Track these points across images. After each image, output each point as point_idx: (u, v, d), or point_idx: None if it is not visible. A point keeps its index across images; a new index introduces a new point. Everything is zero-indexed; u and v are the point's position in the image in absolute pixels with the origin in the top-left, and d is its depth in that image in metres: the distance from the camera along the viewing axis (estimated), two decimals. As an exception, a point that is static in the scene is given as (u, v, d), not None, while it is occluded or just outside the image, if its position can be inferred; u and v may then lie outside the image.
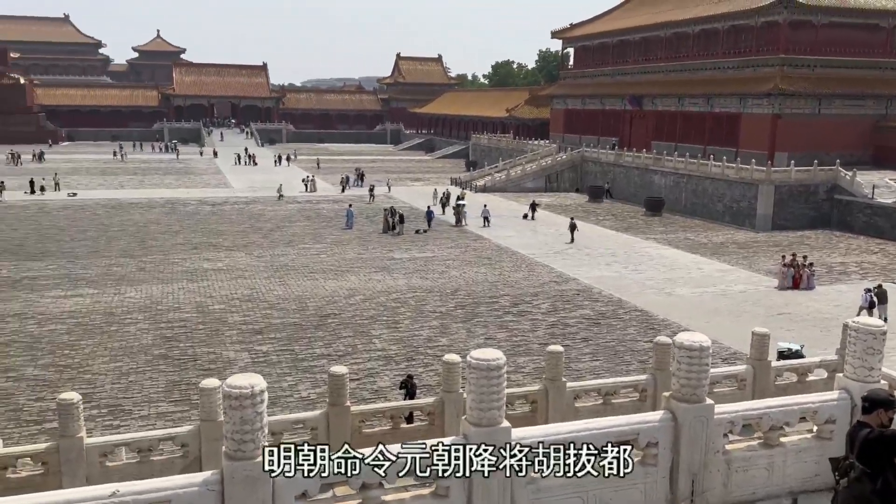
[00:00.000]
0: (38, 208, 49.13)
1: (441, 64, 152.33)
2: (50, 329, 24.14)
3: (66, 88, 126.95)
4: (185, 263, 34.14)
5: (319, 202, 55.70)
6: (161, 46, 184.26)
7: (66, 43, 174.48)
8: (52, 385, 19.37)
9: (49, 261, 34.06)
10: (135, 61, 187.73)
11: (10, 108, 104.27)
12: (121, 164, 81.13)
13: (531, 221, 48.16)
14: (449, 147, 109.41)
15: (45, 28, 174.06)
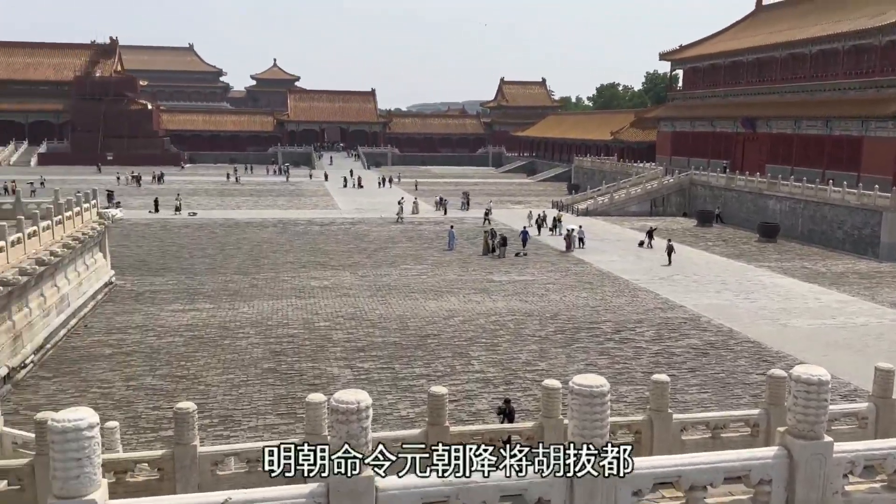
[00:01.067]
0: (161, 226, 52.31)
1: (544, 87, 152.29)
2: (168, 341, 25.57)
3: (190, 114, 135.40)
4: (294, 281, 35.42)
5: (421, 224, 56.58)
6: (277, 74, 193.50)
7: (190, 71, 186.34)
8: (168, 394, 20.48)
9: (170, 276, 36.18)
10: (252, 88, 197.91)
11: (138, 132, 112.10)
12: (235, 185, 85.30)
13: (647, 249, 45.72)
14: (550, 170, 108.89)
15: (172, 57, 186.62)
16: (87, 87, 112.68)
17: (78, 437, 4.15)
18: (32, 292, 24.70)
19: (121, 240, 43.94)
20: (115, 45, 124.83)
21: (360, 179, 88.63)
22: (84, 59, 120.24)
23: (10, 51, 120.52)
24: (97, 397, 20.12)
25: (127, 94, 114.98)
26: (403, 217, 57.77)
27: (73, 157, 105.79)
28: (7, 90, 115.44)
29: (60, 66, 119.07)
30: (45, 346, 24.33)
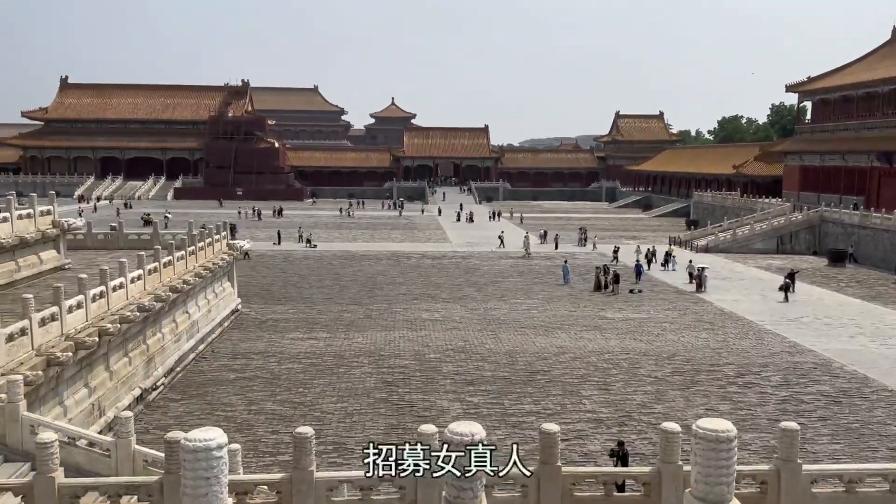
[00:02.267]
0: (284, 258, 54.70)
1: (662, 120, 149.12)
2: (288, 367, 26.54)
3: (313, 151, 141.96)
4: (406, 313, 36.00)
5: (533, 259, 56.26)
6: (395, 112, 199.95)
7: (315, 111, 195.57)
8: (287, 419, 21.20)
9: (290, 305, 37.67)
10: (371, 126, 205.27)
11: (265, 168, 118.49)
12: (348, 219, 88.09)
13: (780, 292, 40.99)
14: (667, 205, 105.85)
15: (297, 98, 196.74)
16: (220, 127, 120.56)
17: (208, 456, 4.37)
18: (166, 318, 26.38)
19: (247, 270, 46.25)
20: (246, 87, 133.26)
21: (472, 214, 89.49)
22: (218, 100, 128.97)
23: (152, 93, 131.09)
24: (221, 420, 21.08)
25: (256, 132, 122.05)
26: (531, 252, 57.14)
27: (206, 191, 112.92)
28: (149, 129, 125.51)
29: (197, 107, 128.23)
30: (176, 370, 25.83)
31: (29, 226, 27.50)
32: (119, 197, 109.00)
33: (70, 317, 18.94)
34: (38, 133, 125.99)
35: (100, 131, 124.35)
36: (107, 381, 20.69)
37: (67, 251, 30.99)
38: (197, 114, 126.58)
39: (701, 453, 5.50)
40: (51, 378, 17.33)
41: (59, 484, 8.50)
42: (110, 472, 11.94)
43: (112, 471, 12.06)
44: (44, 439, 8.74)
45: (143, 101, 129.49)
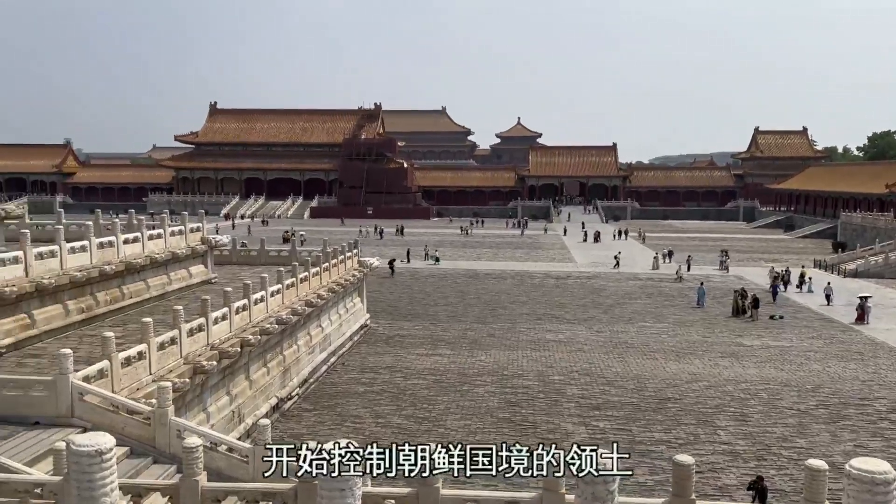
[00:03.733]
0: (410, 275, 55.90)
1: (805, 136, 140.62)
2: (413, 383, 27.01)
3: (439, 171, 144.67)
4: (530, 333, 35.75)
5: (662, 280, 54.40)
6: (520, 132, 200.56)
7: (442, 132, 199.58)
8: (412, 434, 21.54)
9: (416, 321, 38.39)
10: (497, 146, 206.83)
11: (394, 188, 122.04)
12: (475, 238, 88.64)
13: None
14: (812, 226, 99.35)
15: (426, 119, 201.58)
16: (353, 148, 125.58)
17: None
18: (301, 331, 27.60)
19: (375, 286, 47.61)
20: (378, 110, 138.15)
21: (599, 233, 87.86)
22: (352, 123, 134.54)
23: (292, 117, 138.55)
24: (350, 431, 21.74)
25: (387, 153, 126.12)
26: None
27: (339, 210, 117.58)
28: (289, 151, 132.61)
29: (332, 130, 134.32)
30: (309, 381, 26.93)
31: (180, 242, 29.68)
32: (260, 215, 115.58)
33: (215, 328, 20.22)
34: (189, 155, 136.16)
35: (244, 154, 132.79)
36: (246, 390, 21.87)
37: (214, 266, 33.17)
38: (332, 137, 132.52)
39: (854, 495, 5.07)
40: (196, 385, 18.53)
41: (203, 487, 9.05)
42: (248, 478, 12.59)
43: (250, 477, 12.70)
44: (190, 444, 9.36)
45: (283, 125, 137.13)
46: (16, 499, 9.70)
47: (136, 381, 16.18)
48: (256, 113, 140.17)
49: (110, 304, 23.96)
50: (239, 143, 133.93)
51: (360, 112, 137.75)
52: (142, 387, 16.21)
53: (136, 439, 13.74)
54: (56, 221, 27.54)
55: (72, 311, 22.03)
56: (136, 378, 16.22)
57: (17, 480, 9.83)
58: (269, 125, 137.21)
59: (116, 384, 15.31)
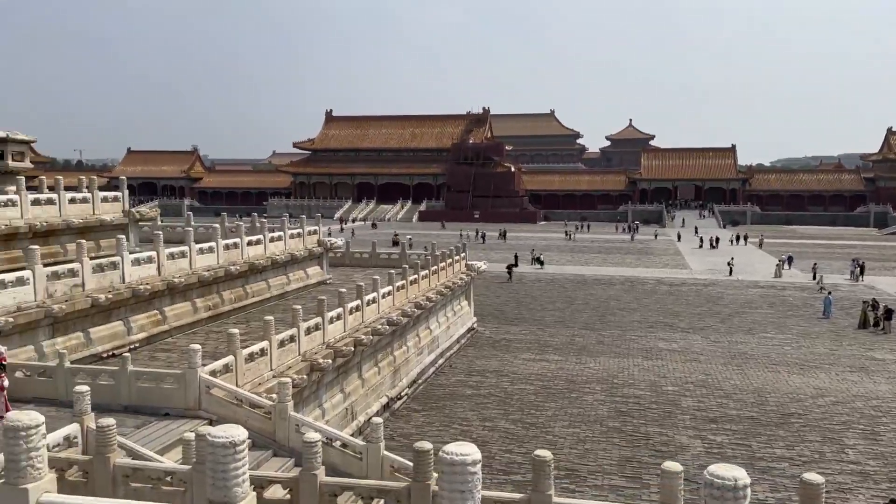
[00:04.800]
0: (517, 279, 55.67)
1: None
2: (520, 388, 26.89)
3: (547, 175, 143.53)
4: (641, 341, 34.80)
5: (785, 288, 51.63)
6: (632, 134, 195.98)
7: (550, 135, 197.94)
8: (519, 439, 21.45)
9: (523, 326, 38.22)
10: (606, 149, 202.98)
11: (501, 192, 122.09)
12: (579, 242, 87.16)
13: None
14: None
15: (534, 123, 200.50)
16: (461, 153, 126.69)
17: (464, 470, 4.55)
18: (410, 332, 28.09)
19: (482, 289, 47.77)
20: (486, 114, 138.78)
21: (716, 239, 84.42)
22: (460, 128, 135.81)
23: (403, 123, 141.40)
24: (457, 434, 21.90)
25: (494, 157, 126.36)
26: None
27: (447, 214, 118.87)
28: (399, 157, 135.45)
29: (440, 135, 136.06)
30: (417, 382, 27.35)
31: (299, 244, 30.91)
32: (371, 219, 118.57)
33: (331, 327, 20.90)
34: (306, 161, 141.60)
35: (357, 159, 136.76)
36: (359, 388, 22.48)
37: (329, 267, 34.32)
38: (441, 142, 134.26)
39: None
40: (313, 382, 19.22)
41: (321, 482, 9.38)
42: (361, 474, 12.92)
43: (363, 473, 13.04)
44: (310, 439, 9.72)
45: (394, 131, 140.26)
46: (149, 485, 10.39)
47: (258, 376, 16.97)
48: (369, 120, 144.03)
49: (234, 303, 25.26)
50: (352, 149, 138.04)
51: (469, 117, 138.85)
52: (263, 382, 16.98)
53: (257, 432, 14.39)
54: (185, 224, 29.35)
55: (199, 308, 23.39)
56: (258, 373, 17.01)
57: (151, 468, 10.53)
58: (380, 131, 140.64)
59: (240, 379, 16.11)
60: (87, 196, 24.57)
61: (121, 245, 20.27)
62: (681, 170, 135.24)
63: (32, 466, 5.04)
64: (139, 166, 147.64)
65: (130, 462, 10.46)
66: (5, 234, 20.95)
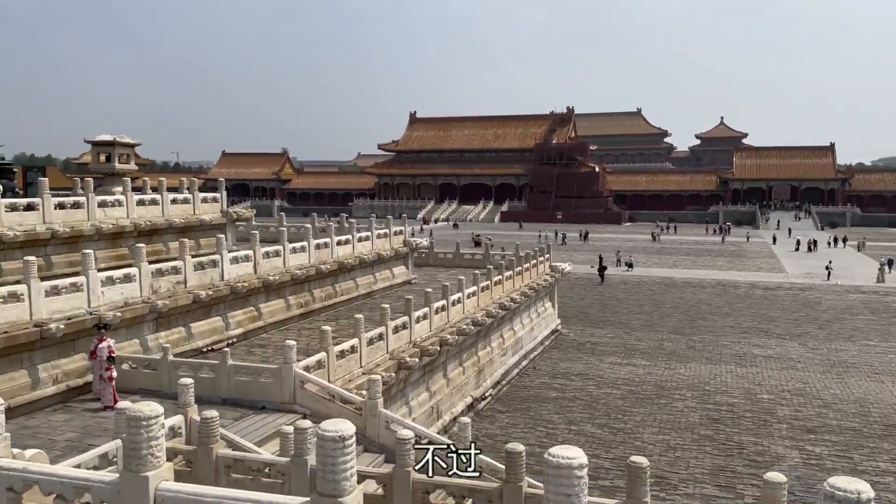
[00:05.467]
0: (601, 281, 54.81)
1: None
2: (606, 392, 26.47)
3: (632, 175, 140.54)
4: (734, 347, 33.64)
5: (888, 293, 48.82)
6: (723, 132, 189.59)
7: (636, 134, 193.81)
8: (606, 444, 21.12)
9: (608, 329, 37.59)
10: (696, 147, 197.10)
11: (585, 192, 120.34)
12: (667, 244, 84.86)
13: None
14: None
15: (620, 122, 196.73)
16: (544, 153, 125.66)
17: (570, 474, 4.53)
18: (494, 333, 28.10)
19: (566, 291, 47.26)
20: (570, 114, 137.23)
21: (814, 241, 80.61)
22: (543, 128, 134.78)
23: (485, 124, 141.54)
24: (542, 436, 21.77)
25: (578, 157, 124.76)
26: None
27: (529, 214, 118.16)
28: (482, 157, 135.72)
29: (523, 136, 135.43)
30: (501, 383, 27.33)
31: (385, 244, 31.43)
32: (453, 219, 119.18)
33: (417, 326, 21.16)
34: (390, 162, 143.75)
35: (440, 160, 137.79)
36: (444, 388, 22.66)
37: (414, 267, 34.73)
38: (523, 142, 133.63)
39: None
40: (400, 380, 19.51)
41: (414, 479, 9.51)
42: (449, 473, 13.02)
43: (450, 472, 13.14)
44: (403, 436, 9.88)
45: (477, 131, 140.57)
46: (249, 476, 10.79)
47: (348, 372, 17.36)
48: (451, 121, 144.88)
49: (324, 301, 25.94)
50: (435, 150, 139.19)
51: (552, 116, 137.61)
52: (353, 378, 17.35)
53: (347, 428, 14.71)
54: (278, 224, 30.33)
55: (292, 305, 24.14)
56: (348, 370, 17.41)
57: (251, 459, 10.94)
58: (463, 132, 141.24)
59: (332, 375, 16.52)
60: (187, 197, 25.76)
61: (220, 244, 21.14)
62: (776, 169, 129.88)
63: (152, 455, 5.34)
64: (232, 168, 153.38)
65: (232, 453, 10.90)
66: (112, 232, 22.19)
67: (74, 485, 5.65)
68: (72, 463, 9.62)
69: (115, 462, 10.59)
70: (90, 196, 21.80)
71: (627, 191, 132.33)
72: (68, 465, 8.64)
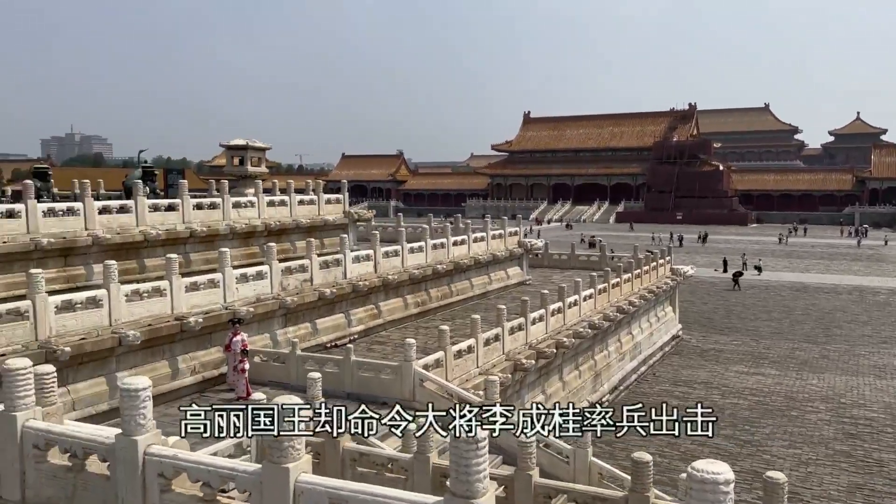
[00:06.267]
0: (726, 285, 52.44)
1: None
2: (732, 402, 25.31)
3: (759, 173, 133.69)
4: (873, 357, 31.35)
5: None
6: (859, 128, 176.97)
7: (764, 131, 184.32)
8: (731, 457, 20.18)
9: (734, 336, 35.93)
10: (829, 145, 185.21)
11: (707, 192, 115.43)
12: (797, 247, 79.95)
13: None
14: None
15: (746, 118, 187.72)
16: (664, 152, 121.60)
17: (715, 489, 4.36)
18: (612, 337, 27.51)
19: (687, 295, 45.58)
20: (692, 110, 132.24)
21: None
22: (663, 125, 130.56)
23: (601, 123, 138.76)
24: (663, 445, 21.08)
25: (700, 156, 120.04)
26: None
27: (646, 215, 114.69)
28: (597, 157, 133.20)
29: (641, 134, 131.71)
30: (619, 388, 26.73)
31: (500, 245, 31.47)
32: (567, 220, 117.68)
33: (533, 328, 21.05)
34: (503, 163, 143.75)
35: (554, 160, 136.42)
36: (560, 391, 22.43)
37: (528, 268, 34.56)
38: (641, 140, 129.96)
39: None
40: (516, 382, 19.47)
41: (536, 482, 9.46)
42: (568, 478, 12.86)
43: (570, 477, 12.97)
44: (525, 439, 9.84)
45: (592, 130, 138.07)
46: (373, 470, 11.08)
47: (465, 372, 17.51)
48: (566, 120, 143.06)
49: (440, 300, 26.29)
50: (549, 150, 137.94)
51: (672, 113, 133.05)
52: (470, 378, 17.49)
53: (466, 427, 14.83)
54: (396, 224, 31.02)
55: (409, 304, 24.61)
56: (465, 370, 17.55)
57: (375, 454, 11.24)
58: (577, 131, 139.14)
59: (449, 374, 16.71)
60: (313, 198, 26.80)
61: (343, 244, 21.87)
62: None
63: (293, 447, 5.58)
64: (351, 170, 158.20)
65: (357, 447, 11.22)
66: (245, 231, 23.41)
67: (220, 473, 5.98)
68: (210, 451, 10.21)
69: (249, 451, 11.16)
70: (225, 197, 23.09)
71: (754, 190, 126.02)
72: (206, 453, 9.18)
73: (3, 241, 16.68)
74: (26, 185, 18.32)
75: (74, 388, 14.43)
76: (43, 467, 6.80)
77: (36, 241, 17.10)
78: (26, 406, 6.92)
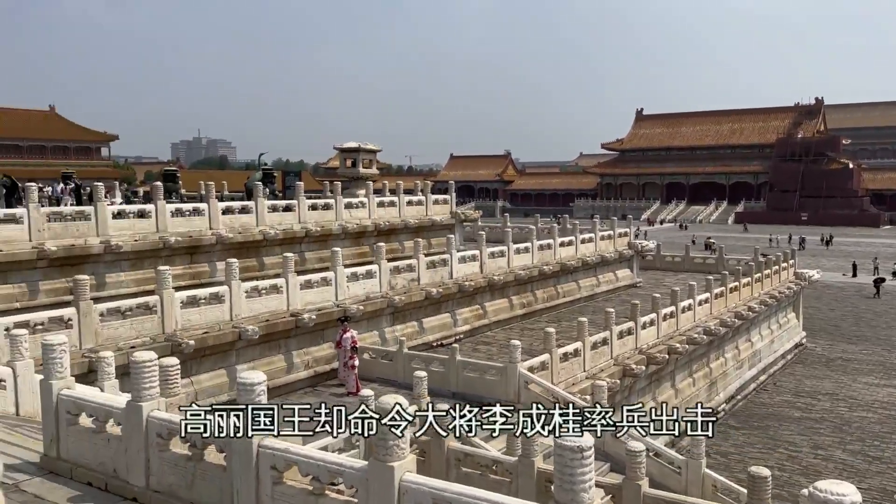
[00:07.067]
0: (855, 291, 49.08)
1: None
2: (860, 415, 23.65)
3: (893, 172, 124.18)
4: None
5: None
6: None
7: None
8: (859, 473, 18.87)
9: (863, 345, 33.54)
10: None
11: (834, 191, 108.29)
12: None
13: None
14: None
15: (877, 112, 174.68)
16: (788, 149, 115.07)
17: (840, 515, 4.06)
18: (729, 344, 26.30)
19: (812, 301, 42.96)
20: (819, 105, 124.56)
21: None
22: (786, 121, 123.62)
23: (718, 119, 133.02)
24: (784, 458, 20.00)
25: (827, 153, 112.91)
26: None
27: (767, 215, 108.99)
28: (714, 154, 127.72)
29: (763, 130, 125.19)
30: (736, 397, 25.52)
31: (609, 246, 30.78)
32: (681, 220, 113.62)
33: (643, 332, 20.44)
34: (613, 162, 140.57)
35: (667, 158, 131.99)
36: (672, 398, 21.65)
37: (639, 270, 33.62)
38: (763, 137, 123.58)
39: None
40: (625, 387, 18.96)
41: (645, 493, 9.15)
42: (679, 489, 12.37)
43: (681, 488, 12.48)
44: (634, 448, 9.56)
45: (709, 127, 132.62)
46: (478, 472, 11.08)
47: (571, 376, 17.22)
48: (681, 117, 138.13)
49: (546, 302, 26.01)
50: (662, 148, 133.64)
51: (797, 108, 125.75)
52: (576, 382, 17.19)
53: (572, 432, 14.57)
54: (502, 225, 30.95)
55: (515, 305, 24.49)
56: (571, 373, 17.26)
57: (480, 455, 11.23)
58: (693, 128, 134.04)
59: (555, 377, 16.49)
60: (420, 199, 27.18)
61: (450, 244, 22.04)
62: None
63: (398, 446, 5.64)
64: (459, 170, 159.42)
65: (462, 447, 11.26)
66: (356, 231, 24.03)
67: (329, 469, 6.13)
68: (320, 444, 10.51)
69: (358, 445, 11.41)
70: (338, 198, 23.80)
71: (888, 190, 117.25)
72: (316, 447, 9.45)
73: (135, 239, 17.87)
74: (155, 187, 19.55)
75: (197, 380, 15.27)
76: (165, 455, 7.20)
77: (164, 240, 18.22)
78: (151, 397, 7.35)
